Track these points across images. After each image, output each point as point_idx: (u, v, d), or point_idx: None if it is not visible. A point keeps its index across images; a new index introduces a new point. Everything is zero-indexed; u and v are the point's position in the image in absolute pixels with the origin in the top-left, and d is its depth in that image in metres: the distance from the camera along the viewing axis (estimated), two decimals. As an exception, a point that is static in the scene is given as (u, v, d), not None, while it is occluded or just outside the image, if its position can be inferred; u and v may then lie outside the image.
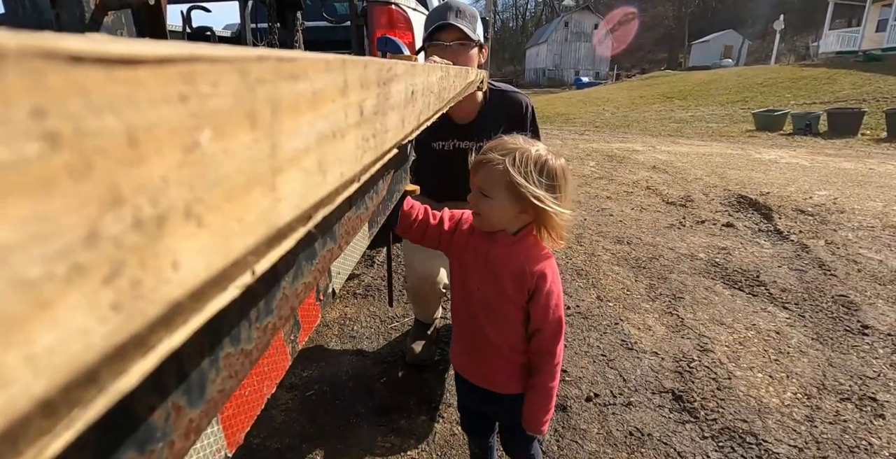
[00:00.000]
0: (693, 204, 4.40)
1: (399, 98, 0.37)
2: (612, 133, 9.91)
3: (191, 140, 0.11)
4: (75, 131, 0.08)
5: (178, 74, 0.11)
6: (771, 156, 6.88)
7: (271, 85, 0.15)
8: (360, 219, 0.62)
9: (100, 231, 0.09)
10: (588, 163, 6.28)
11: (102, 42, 0.09)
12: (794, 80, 15.51)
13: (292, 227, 0.20)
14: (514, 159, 1.08)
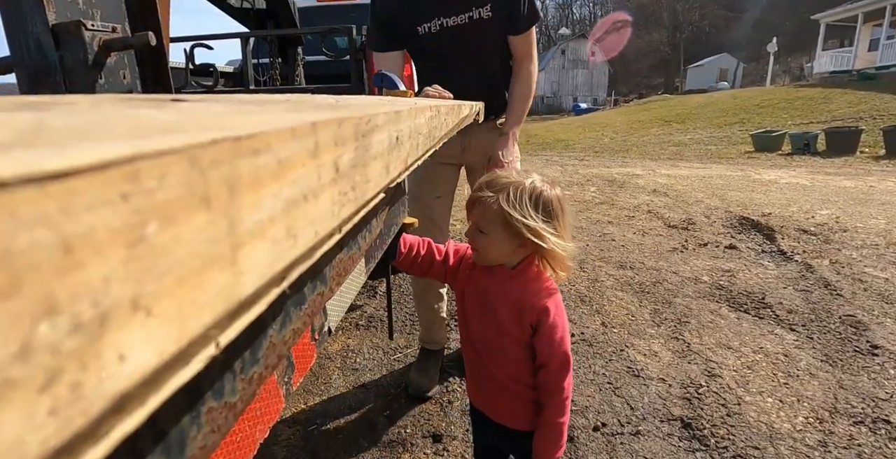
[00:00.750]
0: (695, 226, 4.40)
1: (381, 147, 0.37)
2: (612, 158, 9.97)
3: (135, 236, 0.12)
4: (2, 253, 0.09)
5: (120, 175, 0.11)
6: (771, 176, 6.90)
7: (227, 165, 0.15)
8: (353, 259, 0.62)
9: (33, 343, 0.09)
10: (588, 188, 6.31)
11: (33, 159, 0.09)
12: (790, 101, 15.65)
13: (261, 294, 0.20)
14: (509, 195, 1.07)
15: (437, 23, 1.81)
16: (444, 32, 1.82)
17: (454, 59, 1.86)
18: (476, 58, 1.87)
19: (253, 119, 0.21)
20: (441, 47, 1.85)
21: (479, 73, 1.91)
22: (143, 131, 0.15)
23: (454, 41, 1.83)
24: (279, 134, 0.19)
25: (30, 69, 1.11)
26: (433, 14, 1.81)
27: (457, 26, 1.82)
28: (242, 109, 0.26)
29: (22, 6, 1.07)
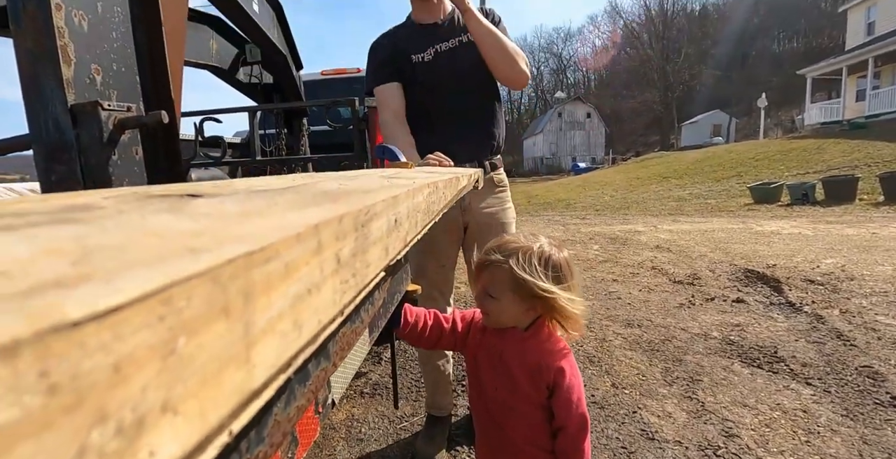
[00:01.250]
0: (700, 281, 4.39)
1: (380, 232, 0.40)
2: (613, 215, 10.06)
3: (168, 349, 0.14)
4: (72, 377, 0.11)
5: (158, 302, 0.14)
6: (772, 227, 6.93)
7: (243, 278, 0.18)
8: (357, 332, 0.63)
9: (87, 447, 0.12)
10: (591, 246, 6.34)
11: (95, 298, 0.12)
12: (785, 153, 15.94)
13: (270, 382, 0.22)
14: (518, 259, 1.10)
15: (432, 51, 1.95)
16: (437, 57, 1.95)
17: (447, 78, 1.96)
18: (467, 75, 1.96)
19: (262, 225, 0.24)
20: (435, 70, 1.96)
21: (470, 92, 1.98)
22: (170, 250, 0.18)
23: (447, 63, 1.94)
24: (286, 241, 0.22)
25: (47, 146, 1.17)
26: (428, 44, 1.96)
27: (449, 50, 1.96)
28: (252, 208, 0.29)
29: (43, 88, 1.14)
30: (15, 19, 1.13)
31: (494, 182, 2.02)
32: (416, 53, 1.95)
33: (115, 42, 1.32)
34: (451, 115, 1.97)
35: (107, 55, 1.29)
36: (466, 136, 1.96)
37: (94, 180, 1.20)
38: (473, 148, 1.97)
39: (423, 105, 1.99)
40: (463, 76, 1.95)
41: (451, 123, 1.97)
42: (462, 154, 1.92)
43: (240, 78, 4.01)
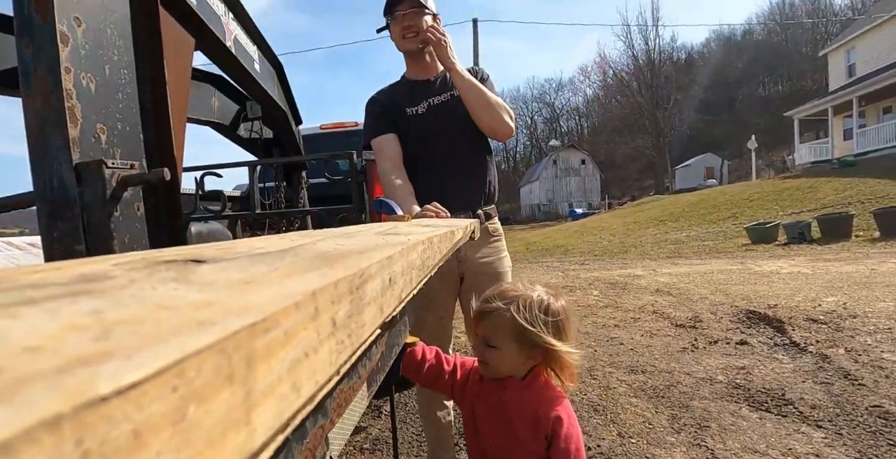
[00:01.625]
0: (703, 324, 4.36)
1: (375, 292, 0.42)
2: (612, 260, 10.08)
3: (179, 416, 0.16)
4: (100, 443, 0.13)
5: (172, 375, 0.16)
6: (771, 267, 6.94)
7: (246, 347, 0.20)
8: (354, 389, 0.64)
9: (112, 506, 0.13)
10: (591, 292, 6.32)
11: (120, 375, 0.14)
12: (778, 192, 16.14)
13: (267, 444, 0.24)
14: (519, 307, 1.11)
15: (425, 104, 2.02)
16: (430, 110, 2.02)
17: (440, 130, 2.02)
18: (458, 127, 2.02)
19: (264, 294, 0.26)
20: (428, 122, 2.02)
21: (462, 143, 2.04)
22: (181, 323, 0.20)
23: (439, 116, 2.01)
24: (286, 310, 0.24)
25: (51, 203, 1.19)
26: (422, 98, 2.04)
27: (441, 103, 2.04)
28: (254, 275, 0.32)
29: (49, 147, 1.18)
30: (25, 81, 1.18)
31: (489, 232, 2.04)
32: (410, 107, 2.04)
33: (120, 102, 1.38)
34: (444, 166, 2.03)
35: (112, 115, 1.34)
36: (459, 186, 2.01)
37: (96, 236, 1.22)
38: (467, 197, 2.02)
39: (417, 156, 2.05)
40: (455, 128, 2.02)
41: (445, 174, 2.02)
42: (456, 204, 1.96)
43: (240, 133, 4.11)
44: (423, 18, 1.97)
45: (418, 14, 1.96)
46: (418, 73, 2.10)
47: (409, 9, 1.94)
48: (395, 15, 1.97)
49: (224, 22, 2.49)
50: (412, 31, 1.97)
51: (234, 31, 2.66)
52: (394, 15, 1.97)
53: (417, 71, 2.10)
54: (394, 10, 1.96)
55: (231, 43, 2.57)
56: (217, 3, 2.41)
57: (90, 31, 1.29)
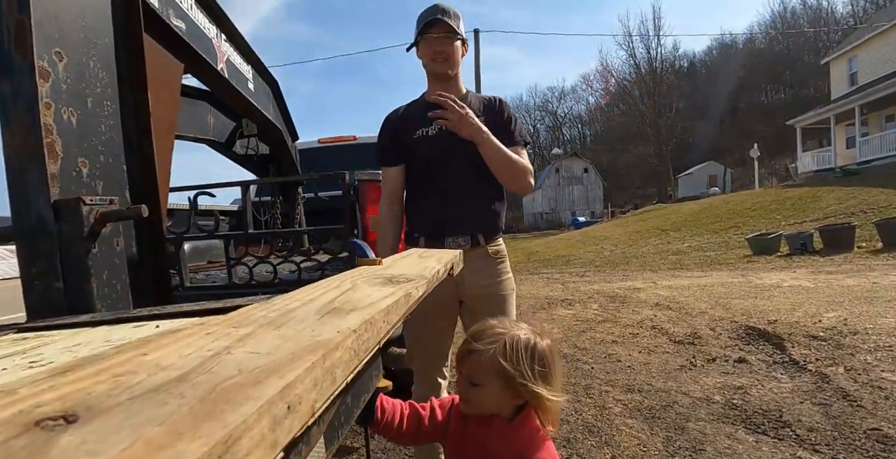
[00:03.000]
0: (701, 341, 4.33)
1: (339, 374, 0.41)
2: (613, 271, 10.04)
3: None
4: None
5: None
6: (772, 280, 6.90)
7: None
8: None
9: None
10: (591, 306, 6.29)
11: None
12: (781, 202, 16.08)
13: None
14: (505, 348, 1.08)
15: (437, 126, 2.00)
16: (441, 133, 1.99)
17: (449, 153, 1.99)
18: (468, 153, 1.98)
19: (227, 420, 0.25)
20: (438, 144, 2.00)
21: (470, 171, 2.00)
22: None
23: (450, 139, 1.97)
24: (247, 425, 0.24)
25: (28, 240, 1.19)
26: (433, 121, 2.00)
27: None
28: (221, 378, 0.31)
29: (28, 183, 1.18)
30: (4, 118, 1.18)
31: (490, 254, 2.02)
32: (422, 127, 2.04)
33: (103, 135, 1.38)
34: (450, 188, 2.01)
35: (94, 148, 1.34)
36: (464, 210, 2.00)
37: (74, 273, 1.22)
38: (470, 222, 2.00)
39: (424, 177, 2.06)
40: (464, 153, 2.00)
41: (450, 196, 2.01)
42: (458, 228, 1.98)
43: (236, 150, 4.12)
44: (454, 44, 2.00)
45: (450, 39, 1.99)
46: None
47: (443, 33, 1.96)
48: (428, 38, 1.98)
49: (216, 44, 2.50)
50: (443, 55, 2.00)
51: (227, 52, 2.67)
52: (426, 37, 1.99)
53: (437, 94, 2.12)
54: (427, 32, 1.98)
55: (223, 65, 2.58)
56: (208, 26, 2.42)
57: (72, 65, 1.29)
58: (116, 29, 1.50)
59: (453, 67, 2.04)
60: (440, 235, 2.00)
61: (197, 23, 2.27)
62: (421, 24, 1.99)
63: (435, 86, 2.10)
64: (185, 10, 2.15)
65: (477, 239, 1.99)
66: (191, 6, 2.21)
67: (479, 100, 2.13)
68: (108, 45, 1.46)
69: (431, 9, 2.00)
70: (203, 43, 2.31)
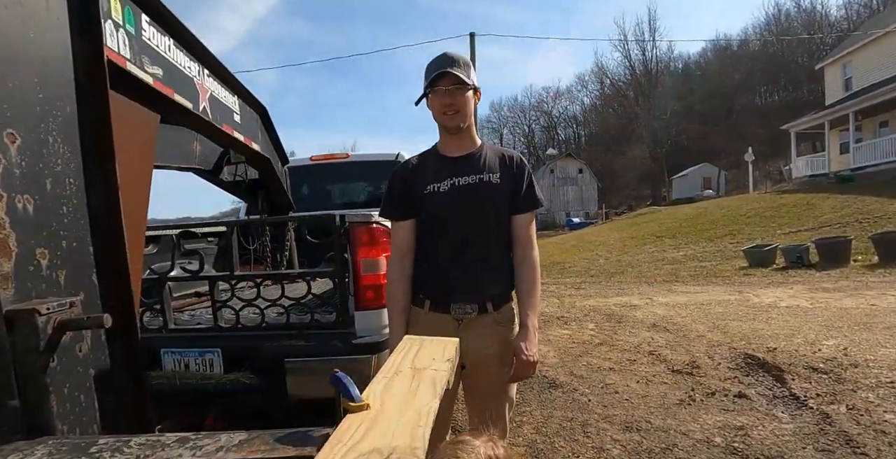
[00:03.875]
0: (700, 371, 4.24)
1: None
2: (608, 282, 9.96)
3: None
4: None
5: None
6: (769, 298, 6.83)
7: None
8: None
9: None
10: (587, 325, 6.20)
11: None
12: (776, 209, 16.07)
13: None
14: None
15: (449, 182, 1.90)
16: (453, 191, 1.90)
17: (458, 212, 1.89)
18: (481, 213, 1.89)
19: None
20: (449, 203, 1.89)
21: (482, 230, 1.91)
22: None
23: (461, 197, 1.88)
24: None
25: None
26: (445, 175, 1.91)
27: (467, 185, 1.91)
28: None
29: None
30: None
31: (496, 322, 1.92)
32: (433, 183, 1.92)
33: (65, 217, 1.25)
34: (459, 249, 1.91)
35: (55, 233, 1.21)
36: (473, 274, 1.89)
37: (31, 390, 1.10)
38: (479, 286, 1.90)
39: (434, 234, 1.95)
40: (477, 212, 1.90)
41: (459, 257, 1.90)
42: (466, 292, 1.87)
43: (223, 177, 4.00)
44: (464, 95, 1.88)
45: (461, 91, 1.87)
46: (451, 148, 1.99)
47: (452, 85, 1.84)
48: (437, 90, 1.87)
49: (198, 82, 2.38)
50: (453, 108, 1.88)
51: (210, 88, 2.55)
52: (435, 90, 1.87)
53: (451, 146, 1.99)
54: (436, 84, 1.86)
55: (205, 104, 2.46)
56: (189, 65, 2.30)
57: (27, 145, 1.16)
58: (80, 94, 1.37)
59: (465, 120, 1.92)
60: (446, 299, 1.89)
61: (176, 64, 2.15)
62: (429, 76, 1.87)
63: (447, 140, 2.00)
64: (163, 53, 2.03)
65: (485, 307, 1.89)
66: (169, 48, 2.09)
67: (495, 153, 2.02)
68: (69, 115, 1.32)
69: (440, 60, 1.89)
70: (183, 85, 2.19)
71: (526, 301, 1.92)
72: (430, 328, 1.90)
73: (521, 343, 1.83)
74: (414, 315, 1.96)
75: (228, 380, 2.87)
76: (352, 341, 2.74)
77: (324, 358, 2.73)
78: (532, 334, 1.85)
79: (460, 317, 1.87)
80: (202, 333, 3.05)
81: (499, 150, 2.04)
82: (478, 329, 1.87)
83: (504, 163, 1.98)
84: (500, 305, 1.92)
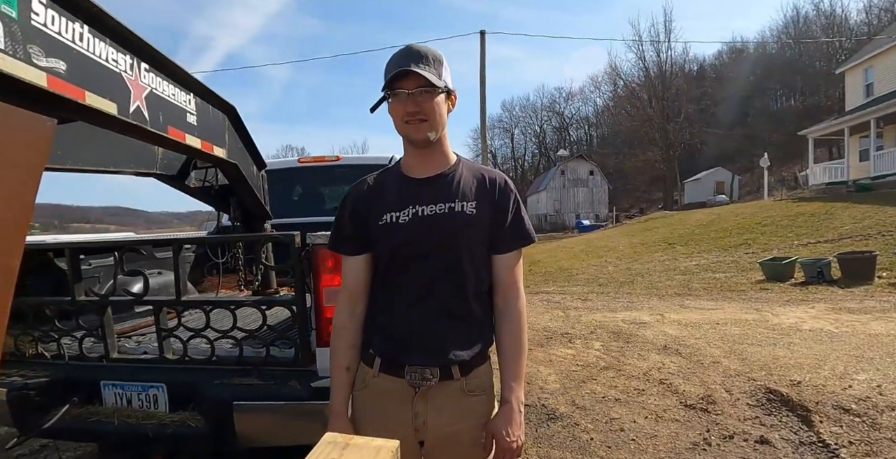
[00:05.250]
0: (716, 407, 3.80)
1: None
2: (617, 293, 9.50)
3: None
4: None
5: None
6: (790, 318, 6.36)
7: None
8: None
9: None
10: (593, 344, 5.77)
11: None
12: (793, 217, 15.48)
13: None
14: None
15: (411, 211, 1.45)
16: (415, 221, 1.44)
17: (420, 249, 1.44)
18: (447, 253, 1.45)
19: None
20: (408, 238, 1.44)
21: (453, 271, 1.46)
22: None
23: (425, 230, 1.44)
24: None
25: None
26: (407, 203, 1.46)
27: (433, 216, 1.45)
28: None
29: None
30: None
31: (464, 391, 1.48)
32: (391, 211, 1.46)
33: None
34: (421, 296, 1.46)
35: None
36: (434, 330, 1.45)
37: None
38: (443, 347, 1.45)
39: (389, 276, 1.50)
40: (444, 251, 1.45)
41: (418, 307, 1.46)
42: (428, 351, 1.44)
43: (190, 183, 3.63)
44: (434, 99, 1.40)
45: (430, 94, 1.38)
46: (417, 168, 1.52)
47: (418, 87, 1.37)
48: (399, 93, 1.38)
49: (128, 78, 1.98)
50: (419, 117, 1.40)
51: (150, 84, 2.16)
52: (396, 93, 1.39)
53: (416, 165, 1.52)
54: (397, 86, 1.38)
55: (139, 104, 2.07)
56: (116, 57, 1.91)
57: None
58: None
59: (435, 129, 1.43)
60: (401, 360, 1.46)
61: (91, 56, 1.76)
62: (388, 74, 1.38)
63: (413, 157, 1.52)
64: (69, 42, 1.64)
65: (449, 372, 1.45)
66: (80, 36, 1.70)
67: (472, 174, 1.55)
68: None
69: (401, 55, 1.41)
70: (102, 81, 1.80)
71: (508, 367, 1.49)
72: (379, 394, 1.49)
73: (501, 425, 1.42)
74: (361, 374, 1.53)
75: (173, 421, 2.49)
76: (311, 383, 2.35)
77: (278, 403, 2.34)
78: (517, 413, 1.44)
79: (417, 384, 1.44)
80: (147, 365, 2.67)
81: (478, 170, 1.58)
82: (439, 399, 1.44)
83: (483, 187, 1.52)
84: (469, 369, 1.48)
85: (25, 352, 2.84)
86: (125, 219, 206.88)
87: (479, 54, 19.99)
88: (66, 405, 2.57)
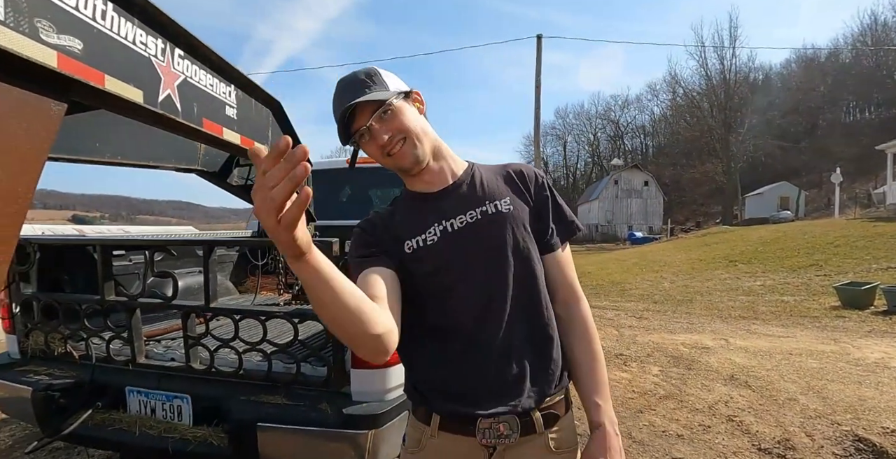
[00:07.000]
0: (795, 453, 3.36)
1: None
2: (675, 312, 8.95)
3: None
4: None
5: None
6: (875, 353, 5.74)
7: None
8: None
9: None
10: (650, 369, 5.34)
11: None
12: (870, 238, 14.40)
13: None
14: None
15: (437, 229, 1.19)
16: (446, 239, 1.18)
17: (463, 270, 1.17)
18: (496, 263, 1.17)
19: None
20: (441, 258, 1.17)
21: (503, 290, 1.17)
22: None
23: (464, 245, 1.17)
24: None
25: None
26: (429, 221, 1.20)
27: (465, 226, 1.19)
28: None
29: None
30: None
31: (550, 448, 1.19)
32: (413, 236, 1.19)
33: None
34: (470, 332, 1.16)
35: None
36: (498, 367, 1.15)
37: None
38: (518, 385, 1.16)
39: (424, 316, 1.19)
40: (490, 264, 1.17)
41: (471, 346, 1.16)
42: (497, 397, 1.14)
43: (232, 181, 3.47)
44: (396, 115, 1.15)
45: (390, 112, 1.15)
46: (426, 185, 1.27)
47: (372, 114, 1.14)
48: (360, 133, 1.15)
49: (158, 64, 1.78)
50: (394, 143, 1.16)
51: (185, 72, 1.96)
52: (356, 138, 1.17)
53: (424, 183, 1.26)
54: (353, 129, 1.16)
55: (170, 92, 1.87)
56: (148, 41, 1.71)
57: None
58: None
59: (419, 141, 1.18)
60: (469, 416, 1.14)
61: (115, 36, 1.56)
62: (340, 122, 1.16)
63: (416, 180, 1.26)
64: (88, 19, 1.44)
65: (529, 422, 1.16)
66: (102, 14, 1.50)
67: (493, 172, 1.30)
68: None
69: (337, 98, 1.17)
70: (126, 65, 1.60)
71: (588, 381, 1.22)
72: (440, 458, 1.20)
73: (598, 454, 1.15)
74: (414, 433, 1.24)
75: (195, 437, 2.31)
76: (342, 409, 2.11)
77: (306, 428, 2.11)
78: (612, 436, 1.17)
79: (492, 443, 1.14)
80: (172, 372, 2.50)
81: (497, 167, 1.34)
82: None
83: (511, 181, 1.28)
84: (554, 420, 1.19)
85: (55, 350, 2.72)
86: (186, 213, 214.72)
87: (535, 59, 19.56)
88: (89, 409, 2.45)
